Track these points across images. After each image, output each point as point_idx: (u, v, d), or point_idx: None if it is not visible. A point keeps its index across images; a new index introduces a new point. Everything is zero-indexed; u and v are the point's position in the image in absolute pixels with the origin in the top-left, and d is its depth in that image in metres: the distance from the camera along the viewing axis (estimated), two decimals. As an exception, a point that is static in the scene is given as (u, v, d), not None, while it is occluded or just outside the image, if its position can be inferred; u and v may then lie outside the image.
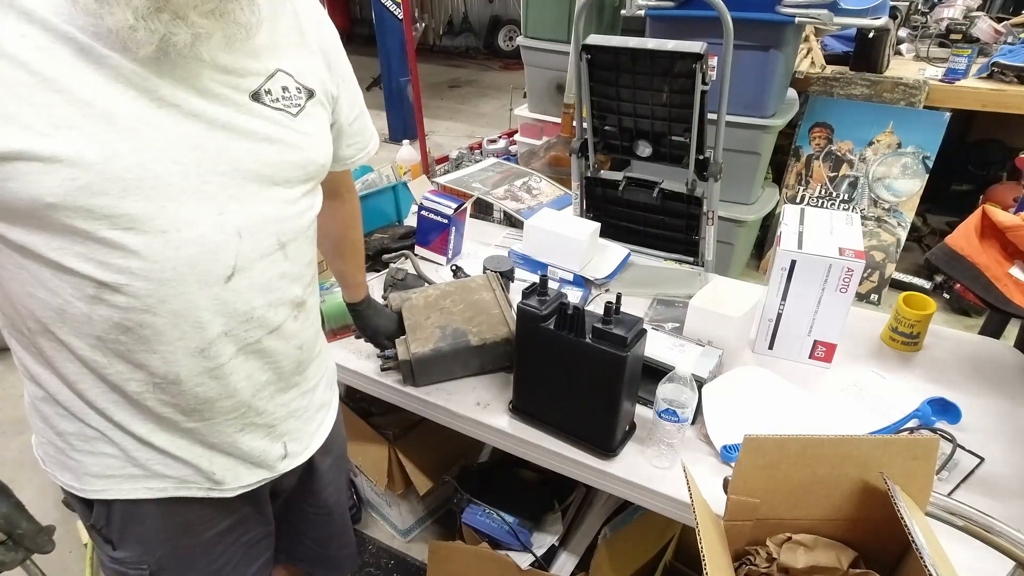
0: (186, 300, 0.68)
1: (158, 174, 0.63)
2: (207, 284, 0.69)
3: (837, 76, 2.87)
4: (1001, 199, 2.84)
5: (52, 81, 0.57)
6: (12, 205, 0.59)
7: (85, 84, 0.59)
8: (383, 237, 1.75)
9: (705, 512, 0.74)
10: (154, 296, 0.66)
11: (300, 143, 0.74)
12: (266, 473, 0.87)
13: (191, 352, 0.71)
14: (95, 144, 0.59)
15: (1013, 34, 3.16)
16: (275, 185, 0.73)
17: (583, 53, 1.61)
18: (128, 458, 0.77)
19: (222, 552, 0.90)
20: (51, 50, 0.57)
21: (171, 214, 0.64)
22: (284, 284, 0.77)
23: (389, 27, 4.90)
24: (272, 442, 0.86)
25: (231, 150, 0.68)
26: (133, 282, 0.65)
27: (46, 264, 0.63)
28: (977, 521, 0.73)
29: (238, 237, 0.69)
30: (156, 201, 0.63)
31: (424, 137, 4.23)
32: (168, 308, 0.67)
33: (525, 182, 2.18)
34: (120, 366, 0.70)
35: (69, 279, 0.64)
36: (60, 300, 0.65)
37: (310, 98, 0.76)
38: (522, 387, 1.18)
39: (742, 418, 1.14)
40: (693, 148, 1.60)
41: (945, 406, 1.18)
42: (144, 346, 0.69)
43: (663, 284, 1.63)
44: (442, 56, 8.46)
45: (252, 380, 0.79)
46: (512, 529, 1.43)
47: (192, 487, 0.81)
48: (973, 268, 1.20)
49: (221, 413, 0.78)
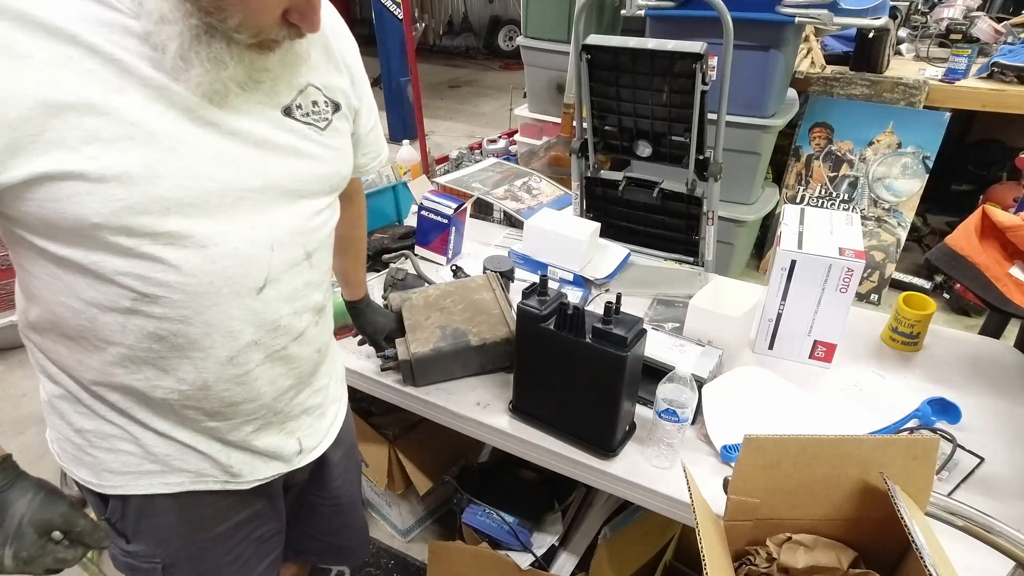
0: (220, 311, 0.70)
1: (197, 192, 0.65)
2: (240, 295, 0.71)
3: (837, 76, 2.87)
4: (1001, 199, 2.84)
5: (98, 104, 0.59)
6: (57, 224, 0.61)
7: (130, 106, 0.60)
8: (383, 237, 1.75)
9: (705, 512, 0.74)
10: (190, 307, 0.68)
11: (327, 157, 0.77)
12: (282, 467, 0.89)
13: (221, 360, 0.73)
14: (139, 165, 0.61)
15: (1013, 34, 3.16)
16: (302, 198, 0.75)
17: (583, 53, 1.61)
18: (147, 454, 0.78)
19: (234, 546, 0.91)
20: (97, 73, 0.58)
21: (209, 229, 0.66)
22: (308, 292, 0.80)
23: (389, 27, 4.90)
24: (287, 438, 0.88)
25: (264, 166, 0.70)
26: (171, 294, 0.67)
27: (83, 276, 0.65)
28: (977, 521, 0.73)
29: (270, 250, 0.72)
30: (195, 218, 0.65)
31: (424, 137, 4.23)
32: (202, 319, 0.70)
33: (525, 182, 2.18)
34: (149, 372, 0.72)
35: (106, 291, 0.66)
36: (94, 310, 0.67)
37: (336, 111, 0.79)
38: (522, 387, 1.18)
39: (742, 418, 1.14)
40: (693, 148, 1.60)
41: (945, 406, 1.18)
42: (176, 354, 0.71)
43: (663, 284, 1.63)
44: (442, 56, 8.46)
45: (275, 385, 0.81)
46: (512, 529, 1.43)
47: (209, 480, 0.83)
48: (973, 268, 1.20)
49: (242, 415, 0.80)
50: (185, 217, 0.64)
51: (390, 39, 4.95)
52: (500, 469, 1.64)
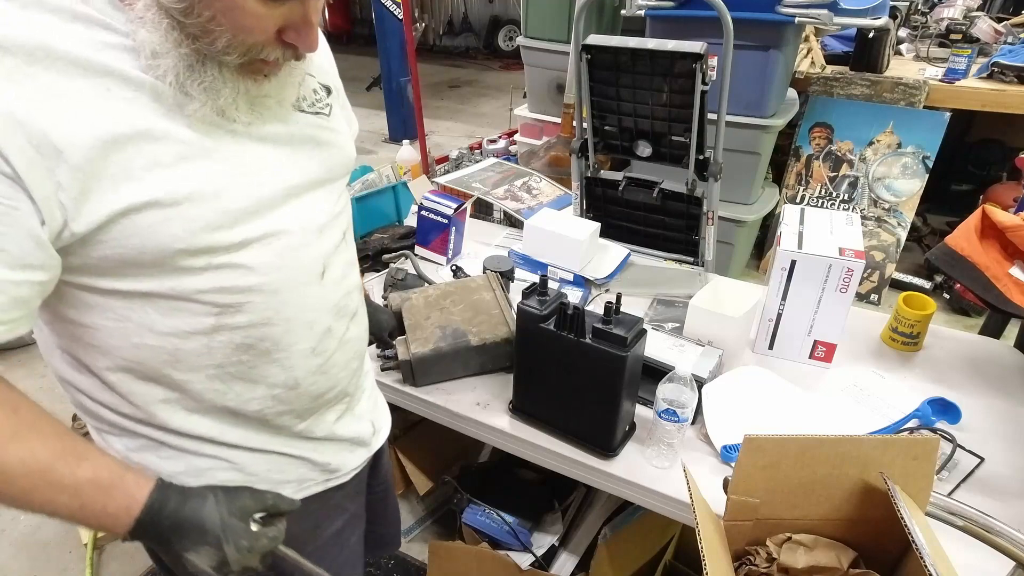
0: (296, 303, 0.72)
1: (256, 198, 0.66)
2: (310, 284, 0.73)
3: (837, 76, 2.87)
4: (1001, 199, 2.84)
5: (151, 130, 0.58)
6: (136, 259, 0.60)
7: (176, 126, 0.60)
8: (383, 237, 1.75)
9: (705, 512, 0.74)
10: (271, 307, 0.69)
11: (339, 140, 0.79)
12: (365, 452, 0.93)
13: (305, 353, 0.75)
14: (205, 182, 0.61)
15: (1013, 34, 3.16)
16: (331, 182, 0.78)
17: (583, 53, 1.61)
18: (248, 475, 0.78)
19: (339, 553, 0.93)
20: (138, 99, 0.58)
21: (272, 228, 0.68)
22: (351, 271, 0.83)
23: (389, 27, 4.91)
24: (360, 421, 0.91)
25: (300, 162, 0.72)
26: (252, 298, 0.68)
27: (158, 307, 0.64)
28: (977, 521, 0.73)
29: (320, 235, 0.74)
30: (257, 222, 0.66)
31: (424, 137, 4.23)
32: (283, 316, 0.71)
33: (525, 182, 2.18)
34: (239, 387, 0.72)
35: (186, 315, 0.65)
36: (175, 340, 0.66)
37: (329, 94, 0.80)
38: (522, 387, 1.18)
39: (742, 418, 1.14)
40: (693, 148, 1.60)
41: (945, 406, 1.18)
42: (264, 359, 0.72)
43: (663, 284, 1.63)
44: (442, 56, 8.46)
45: (348, 368, 0.84)
46: (512, 529, 1.43)
47: (311, 484, 0.85)
48: (973, 268, 1.20)
49: (327, 405, 0.82)
50: (250, 223, 0.65)
51: (390, 39, 4.95)
52: (500, 469, 1.64)
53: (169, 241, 0.60)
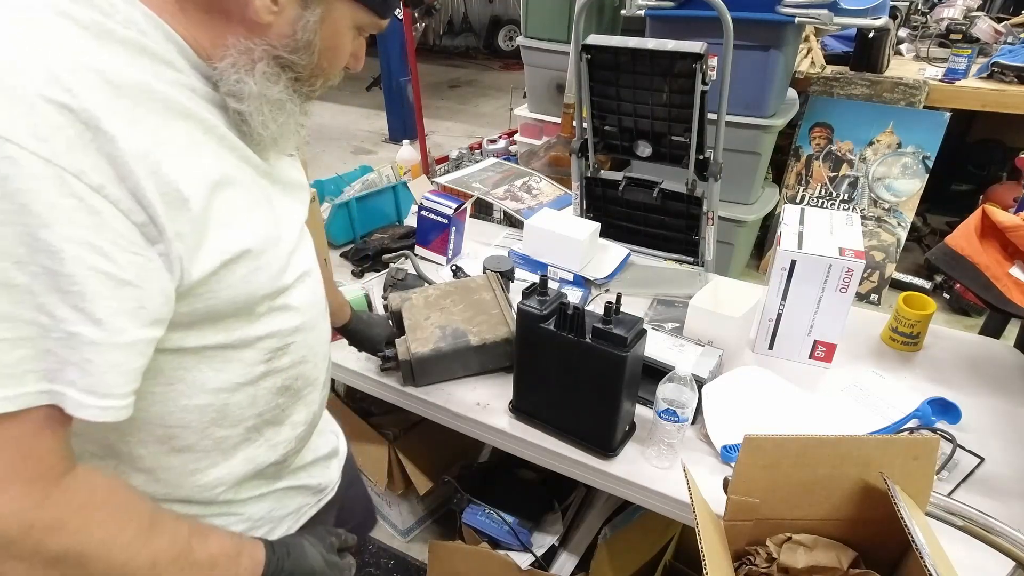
0: (320, 338, 0.74)
1: (295, 241, 0.68)
2: (324, 316, 0.75)
3: (837, 76, 2.87)
4: (1001, 199, 2.84)
5: (229, 174, 0.57)
6: (220, 310, 0.58)
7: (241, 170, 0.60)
8: (383, 237, 1.75)
9: (705, 512, 0.74)
10: (307, 344, 0.71)
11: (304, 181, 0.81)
12: (339, 462, 0.94)
13: (320, 386, 0.77)
14: (273, 227, 0.62)
15: (1013, 34, 3.16)
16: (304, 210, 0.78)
17: (583, 53, 1.61)
18: (255, 522, 0.77)
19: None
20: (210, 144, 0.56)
21: (304, 267, 0.69)
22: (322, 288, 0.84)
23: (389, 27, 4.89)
24: (326, 434, 0.91)
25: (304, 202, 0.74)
26: (296, 337, 0.69)
27: (214, 361, 0.61)
28: (977, 521, 0.73)
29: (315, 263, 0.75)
30: (296, 263, 0.67)
31: (424, 137, 4.23)
32: (314, 352, 0.73)
33: (525, 182, 2.18)
34: (268, 432, 0.71)
35: (238, 366, 0.63)
36: (224, 395, 0.64)
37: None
38: (522, 387, 1.18)
39: (742, 418, 1.14)
40: (693, 148, 1.60)
41: (945, 406, 1.18)
42: (295, 399, 0.73)
43: (663, 284, 1.63)
44: (442, 56, 8.45)
45: (326, 389, 0.84)
46: (512, 529, 1.43)
47: (306, 509, 0.85)
48: (973, 268, 1.20)
49: (316, 428, 0.83)
50: (293, 265, 0.67)
51: (390, 39, 4.95)
52: (500, 469, 1.64)
53: (256, 289, 0.59)
